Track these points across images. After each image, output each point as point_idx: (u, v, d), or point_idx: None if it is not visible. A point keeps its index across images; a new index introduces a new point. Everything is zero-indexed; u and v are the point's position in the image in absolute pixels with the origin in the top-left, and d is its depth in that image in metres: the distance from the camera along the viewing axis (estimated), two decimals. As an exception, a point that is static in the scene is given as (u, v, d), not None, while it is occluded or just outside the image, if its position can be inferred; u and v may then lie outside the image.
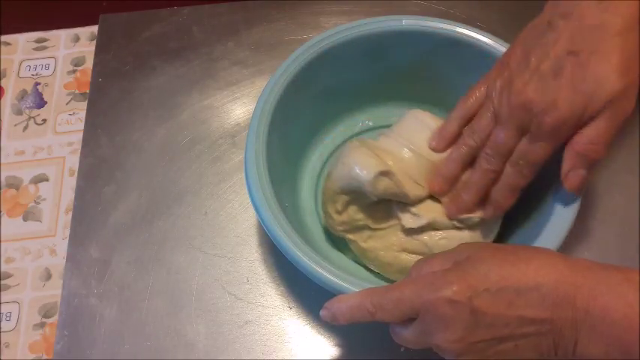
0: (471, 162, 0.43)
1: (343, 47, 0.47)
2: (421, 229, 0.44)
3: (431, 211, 0.43)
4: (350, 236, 0.45)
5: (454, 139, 0.43)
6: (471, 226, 0.44)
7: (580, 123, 0.37)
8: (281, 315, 0.48)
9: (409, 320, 0.34)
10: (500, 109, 0.39)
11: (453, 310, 0.31)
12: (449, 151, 0.43)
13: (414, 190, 0.43)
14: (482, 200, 0.43)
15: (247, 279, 0.50)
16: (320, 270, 0.38)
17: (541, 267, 0.32)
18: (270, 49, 0.61)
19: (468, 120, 0.43)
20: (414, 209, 0.43)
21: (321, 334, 0.47)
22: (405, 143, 0.44)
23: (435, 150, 0.44)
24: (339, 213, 0.45)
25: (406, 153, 0.44)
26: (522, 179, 0.40)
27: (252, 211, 0.52)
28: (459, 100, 0.43)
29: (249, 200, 0.53)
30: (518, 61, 0.39)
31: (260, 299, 0.49)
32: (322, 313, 0.37)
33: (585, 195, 0.41)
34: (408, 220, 0.43)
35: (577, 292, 0.31)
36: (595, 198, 0.40)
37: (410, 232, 0.44)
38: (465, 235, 0.44)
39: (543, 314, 0.31)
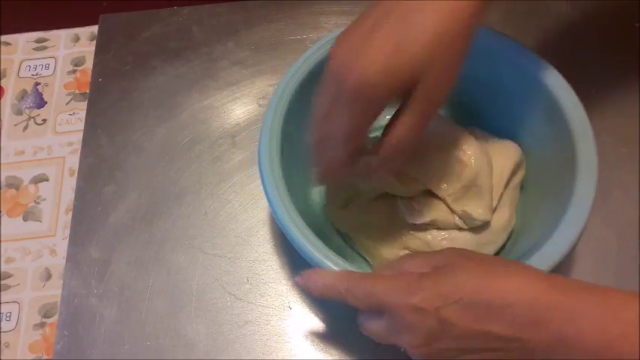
0: None
1: None
2: (424, 227, 0.44)
3: (434, 210, 0.43)
4: (353, 232, 0.45)
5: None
6: (474, 229, 0.43)
7: (388, 95, 0.34)
8: (281, 315, 0.48)
9: (377, 313, 0.34)
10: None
11: (418, 317, 0.31)
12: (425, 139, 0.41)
13: (409, 183, 0.43)
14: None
15: (247, 279, 0.50)
16: (330, 263, 0.38)
17: (518, 284, 0.31)
18: (270, 49, 0.61)
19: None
20: (417, 206, 0.43)
21: (321, 334, 0.47)
22: None
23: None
24: (342, 209, 0.45)
25: None
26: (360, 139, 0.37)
27: (252, 211, 0.52)
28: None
29: (249, 200, 0.53)
30: (343, 34, 0.36)
31: (260, 299, 0.49)
32: (297, 279, 0.38)
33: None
34: (411, 216, 0.43)
35: (552, 314, 0.29)
36: (595, 198, 0.40)
37: (413, 228, 0.44)
38: (468, 238, 0.43)
39: (511, 333, 0.30)
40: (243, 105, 0.58)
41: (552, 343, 0.29)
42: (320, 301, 0.48)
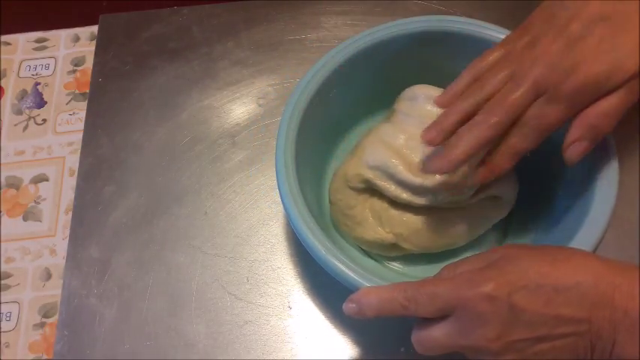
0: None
1: (380, 47, 0.47)
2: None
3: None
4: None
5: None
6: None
7: (599, 93, 0.35)
8: (281, 315, 0.48)
9: (439, 319, 0.33)
10: (519, 68, 0.37)
11: (491, 306, 0.31)
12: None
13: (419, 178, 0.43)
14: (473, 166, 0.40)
15: (247, 279, 0.49)
16: (346, 270, 0.38)
17: (579, 266, 0.31)
18: (270, 49, 0.61)
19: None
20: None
21: (321, 334, 0.47)
22: (413, 122, 0.44)
23: (439, 105, 0.40)
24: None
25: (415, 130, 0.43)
26: (526, 143, 0.37)
27: (252, 211, 0.52)
28: (473, 60, 0.40)
29: (249, 200, 0.53)
30: (542, 22, 0.37)
31: (260, 299, 0.49)
32: (347, 306, 0.35)
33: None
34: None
35: (615, 291, 0.30)
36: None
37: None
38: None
39: (581, 314, 0.30)
40: (243, 105, 0.58)
41: (617, 321, 0.30)
42: (320, 301, 0.48)
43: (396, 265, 0.48)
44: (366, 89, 0.50)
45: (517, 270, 0.31)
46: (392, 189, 0.43)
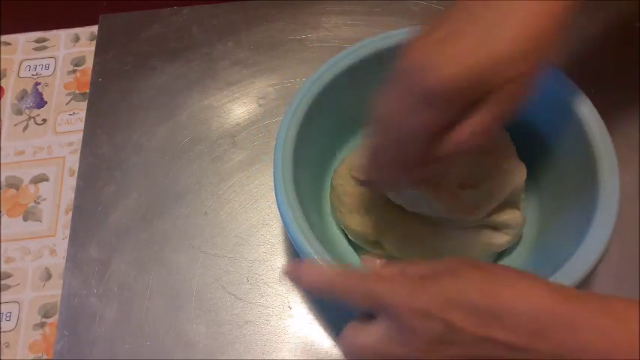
0: None
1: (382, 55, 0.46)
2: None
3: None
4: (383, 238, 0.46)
5: None
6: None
7: (465, 100, 0.33)
8: (281, 315, 0.48)
9: (367, 318, 0.33)
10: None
11: (424, 321, 0.30)
12: None
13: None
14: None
15: (247, 279, 0.49)
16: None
17: (522, 292, 0.30)
18: (270, 49, 0.61)
19: None
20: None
21: (321, 334, 0.47)
22: None
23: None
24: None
25: None
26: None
27: (252, 211, 0.52)
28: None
29: (249, 200, 0.53)
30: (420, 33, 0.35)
31: (260, 299, 0.49)
32: (287, 269, 0.35)
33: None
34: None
35: (556, 324, 0.29)
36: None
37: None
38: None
39: (516, 341, 0.29)
40: (243, 105, 0.58)
41: (557, 355, 0.29)
42: (320, 301, 0.48)
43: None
44: (371, 94, 0.50)
45: (458, 287, 0.30)
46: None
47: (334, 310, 0.48)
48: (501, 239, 0.45)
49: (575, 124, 0.42)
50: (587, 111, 0.42)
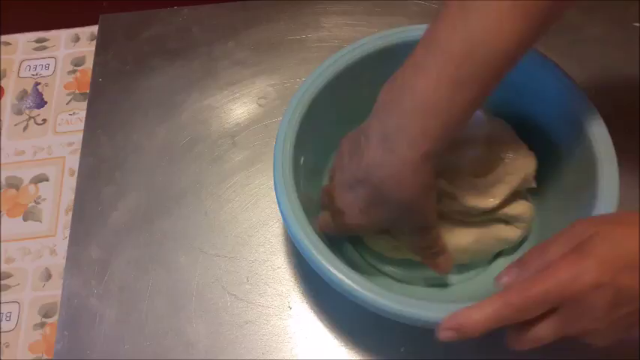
0: None
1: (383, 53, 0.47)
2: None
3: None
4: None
5: None
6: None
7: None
8: (281, 315, 0.48)
9: (541, 316, 0.33)
10: None
11: (599, 293, 0.31)
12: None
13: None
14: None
15: (247, 279, 0.50)
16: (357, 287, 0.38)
17: None
18: (270, 49, 0.61)
19: None
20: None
21: (321, 334, 0.47)
22: None
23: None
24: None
25: None
26: None
27: (252, 211, 0.52)
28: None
29: (249, 200, 0.53)
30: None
31: (260, 299, 0.49)
32: (444, 334, 0.34)
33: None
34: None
35: None
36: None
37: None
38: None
39: None
40: (243, 105, 0.58)
41: None
42: (320, 301, 0.48)
43: (391, 269, 0.47)
44: (372, 93, 0.50)
45: (613, 249, 0.32)
46: None
47: (334, 310, 0.48)
48: (514, 233, 0.45)
49: (576, 125, 0.42)
50: (588, 111, 0.42)
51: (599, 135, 0.41)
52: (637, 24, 0.59)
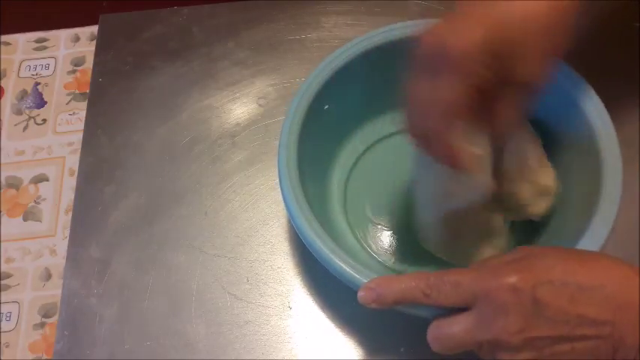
0: None
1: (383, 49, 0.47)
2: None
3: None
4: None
5: None
6: None
7: (490, 66, 0.34)
8: (281, 315, 0.48)
9: (458, 314, 0.33)
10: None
11: (515, 297, 0.30)
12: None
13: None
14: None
15: (247, 279, 0.50)
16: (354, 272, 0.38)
17: (606, 268, 0.31)
18: (270, 49, 0.61)
19: None
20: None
21: (321, 334, 0.47)
22: None
23: None
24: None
25: None
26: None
27: (252, 211, 0.52)
28: None
29: (249, 200, 0.53)
30: None
31: (260, 299, 0.49)
32: (365, 293, 0.34)
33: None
34: None
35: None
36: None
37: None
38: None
39: (605, 316, 0.30)
40: (243, 105, 0.58)
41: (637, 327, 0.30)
42: (320, 301, 0.48)
43: (399, 266, 0.47)
44: (373, 89, 0.50)
45: (543, 265, 0.31)
46: None
47: (334, 310, 0.48)
48: (540, 206, 0.45)
49: (581, 120, 0.42)
50: (593, 107, 0.42)
51: (603, 130, 0.42)
52: (637, 24, 0.59)
